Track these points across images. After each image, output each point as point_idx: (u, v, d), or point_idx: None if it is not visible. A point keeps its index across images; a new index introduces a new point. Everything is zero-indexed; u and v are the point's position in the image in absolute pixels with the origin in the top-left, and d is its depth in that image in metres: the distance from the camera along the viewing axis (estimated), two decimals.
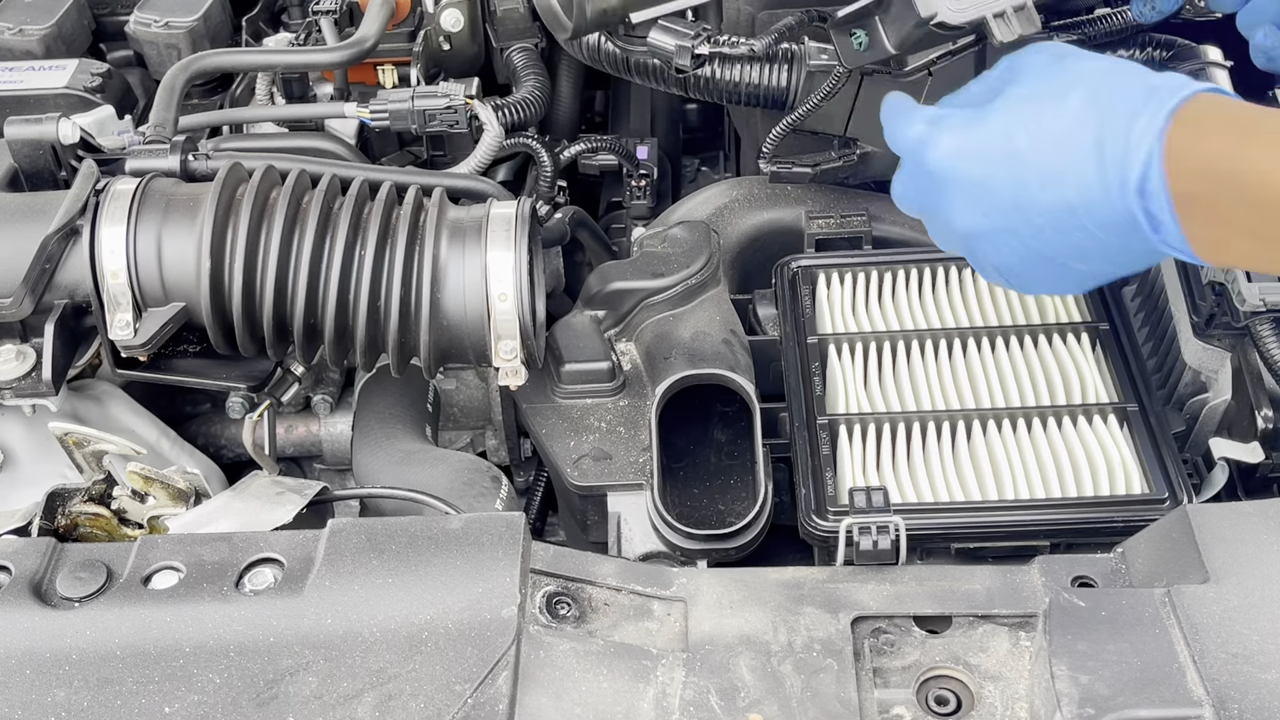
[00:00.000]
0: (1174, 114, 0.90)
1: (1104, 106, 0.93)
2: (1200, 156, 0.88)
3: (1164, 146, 0.89)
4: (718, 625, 0.95)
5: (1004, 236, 1.00)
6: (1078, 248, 0.97)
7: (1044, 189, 0.95)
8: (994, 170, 0.98)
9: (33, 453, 1.29)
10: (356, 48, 1.49)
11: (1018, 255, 1.01)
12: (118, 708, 0.87)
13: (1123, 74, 0.95)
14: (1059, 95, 0.96)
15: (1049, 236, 0.97)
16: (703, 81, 1.45)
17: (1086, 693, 0.85)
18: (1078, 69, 0.98)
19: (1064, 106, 0.95)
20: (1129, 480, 1.18)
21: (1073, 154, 0.94)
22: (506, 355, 1.24)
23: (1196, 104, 0.90)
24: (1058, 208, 0.95)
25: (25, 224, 1.22)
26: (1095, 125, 0.93)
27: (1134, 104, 0.91)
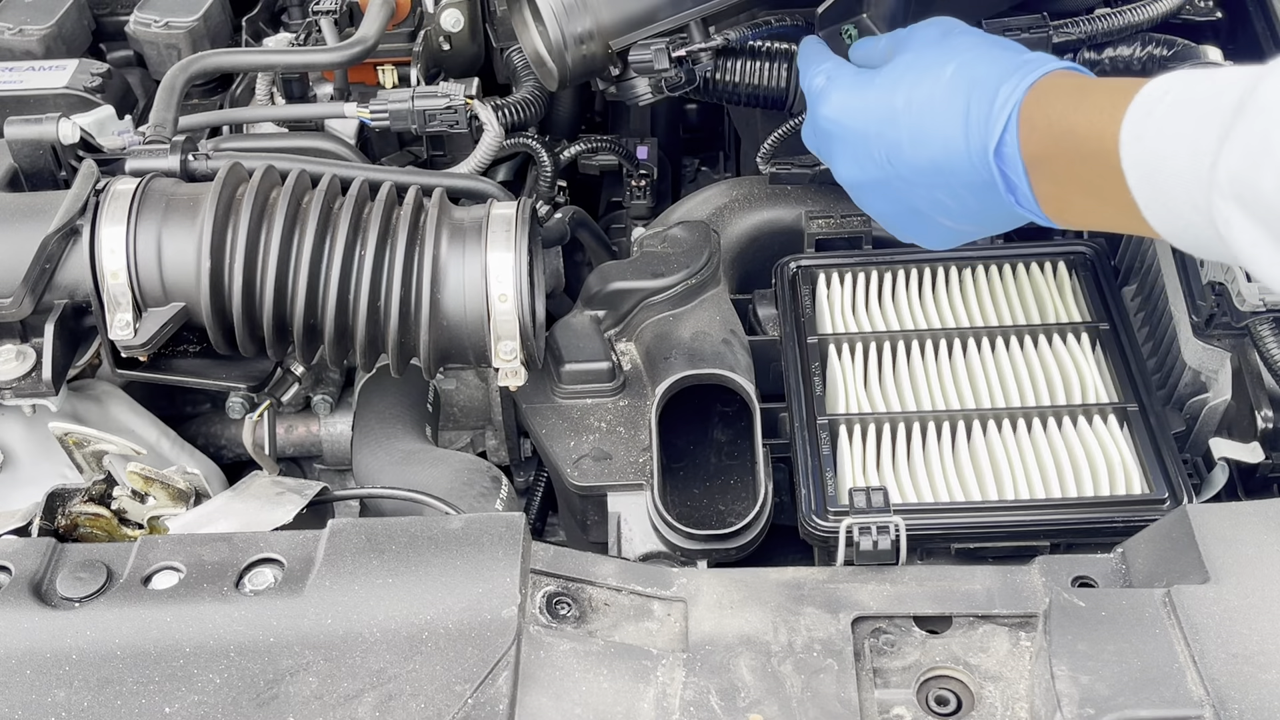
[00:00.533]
0: (1032, 86, 0.98)
1: (974, 78, 1.02)
2: (1046, 119, 0.96)
3: (1019, 113, 0.98)
4: (718, 625, 0.95)
5: (879, 188, 1.12)
6: (944, 205, 1.07)
7: (915, 149, 1.05)
8: (872, 128, 1.09)
9: (33, 453, 1.29)
10: (356, 48, 1.49)
11: (891, 207, 1.13)
12: (118, 708, 0.87)
13: (996, 50, 1.04)
14: (938, 65, 1.05)
15: (919, 193, 1.08)
16: (703, 81, 1.45)
17: (1087, 693, 0.85)
18: (958, 43, 1.07)
19: (940, 75, 1.04)
20: (1129, 480, 1.18)
21: (942, 119, 1.03)
22: (506, 356, 1.24)
23: (1054, 77, 0.99)
24: (926, 167, 1.05)
25: (25, 224, 1.22)
26: (964, 93, 1.01)
27: (1000, 76, 1.00)
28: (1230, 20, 1.70)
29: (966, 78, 1.03)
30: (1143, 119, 0.89)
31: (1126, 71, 1.52)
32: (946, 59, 1.05)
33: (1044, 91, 0.98)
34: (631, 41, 1.28)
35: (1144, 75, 1.51)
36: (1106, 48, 1.50)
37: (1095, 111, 0.93)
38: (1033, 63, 1.01)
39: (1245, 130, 0.80)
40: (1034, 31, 1.42)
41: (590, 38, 1.27)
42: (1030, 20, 1.43)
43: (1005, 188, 1.01)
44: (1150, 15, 1.49)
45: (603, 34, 1.27)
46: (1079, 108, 0.94)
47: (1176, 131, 0.86)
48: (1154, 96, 0.89)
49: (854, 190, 1.16)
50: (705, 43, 1.30)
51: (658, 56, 1.28)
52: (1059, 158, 0.96)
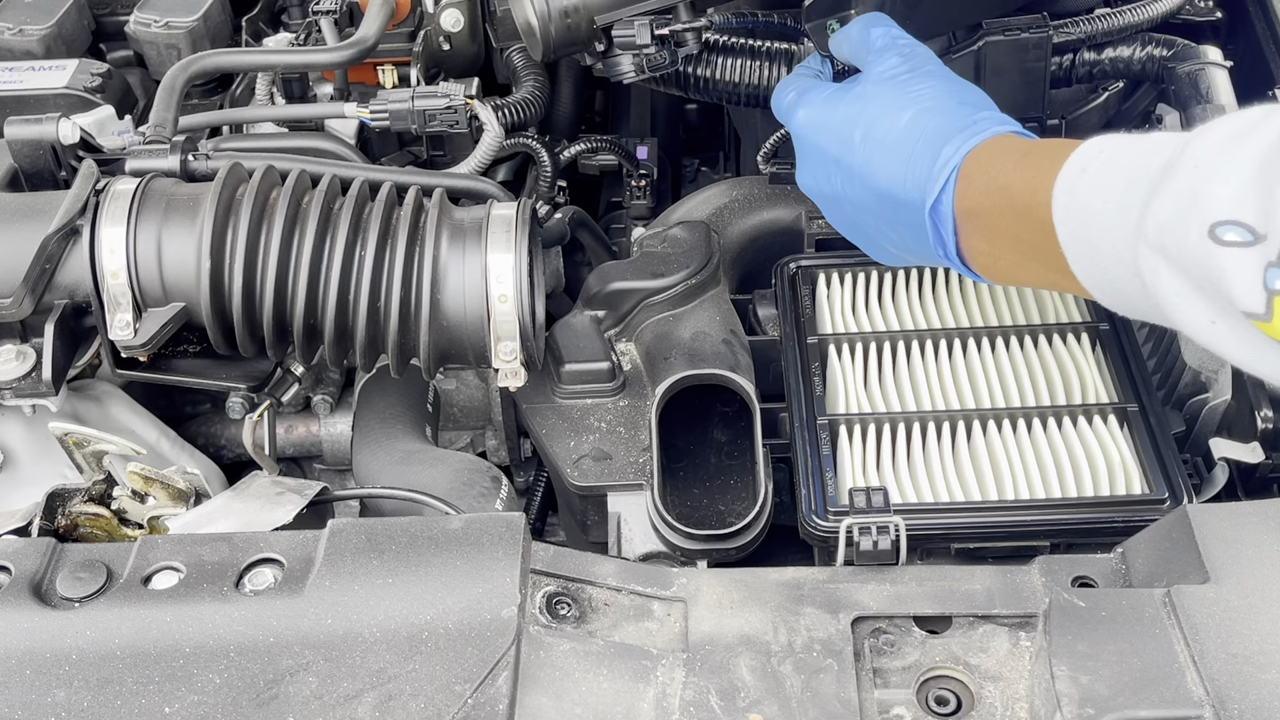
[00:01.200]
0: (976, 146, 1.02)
1: (925, 130, 1.06)
2: (985, 177, 1.01)
3: (958, 174, 1.02)
4: (718, 625, 0.95)
5: (833, 203, 1.18)
6: (887, 235, 1.12)
7: (864, 181, 1.11)
8: (831, 150, 1.14)
9: (33, 453, 1.29)
10: (356, 48, 1.49)
11: (842, 221, 1.18)
12: (118, 708, 0.87)
13: (952, 103, 1.08)
14: (896, 108, 1.09)
15: (864, 217, 1.13)
16: (702, 81, 1.45)
17: (1086, 693, 0.85)
18: (921, 89, 1.10)
19: (896, 120, 1.08)
20: (1129, 480, 1.18)
21: (890, 162, 1.08)
22: (506, 357, 1.24)
23: (1000, 139, 1.03)
24: (872, 201, 1.11)
25: (25, 224, 1.22)
26: (912, 144, 1.06)
27: (947, 134, 1.04)
28: (1230, 20, 1.71)
29: (918, 128, 1.06)
30: (1076, 175, 0.92)
31: (1127, 72, 1.53)
32: (906, 104, 1.09)
33: (987, 151, 1.02)
34: (617, 18, 1.28)
35: (1143, 76, 1.53)
36: (1106, 48, 1.51)
37: (1031, 170, 0.96)
38: (981, 123, 1.05)
39: (1175, 185, 0.83)
40: (1034, 31, 1.42)
41: (575, 12, 1.28)
42: (1030, 20, 1.43)
43: (935, 241, 1.05)
44: (1150, 15, 1.49)
45: (588, 8, 1.28)
46: (1017, 167, 0.98)
47: (1108, 186, 0.89)
48: (1089, 155, 0.92)
49: (813, 198, 1.21)
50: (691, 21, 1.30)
51: (640, 31, 1.29)
52: (992, 213, 1.00)
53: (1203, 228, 0.80)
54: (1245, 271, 0.78)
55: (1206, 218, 0.80)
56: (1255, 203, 0.78)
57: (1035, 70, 1.45)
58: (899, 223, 1.09)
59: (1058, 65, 1.49)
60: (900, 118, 1.08)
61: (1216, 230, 0.79)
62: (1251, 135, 0.81)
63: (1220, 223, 0.79)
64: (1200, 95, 1.43)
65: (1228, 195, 0.79)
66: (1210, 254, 0.80)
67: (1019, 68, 1.44)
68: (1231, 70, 1.47)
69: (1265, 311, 0.78)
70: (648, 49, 1.29)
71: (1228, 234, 0.79)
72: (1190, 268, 0.82)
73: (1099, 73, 1.52)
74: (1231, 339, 0.83)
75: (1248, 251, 0.78)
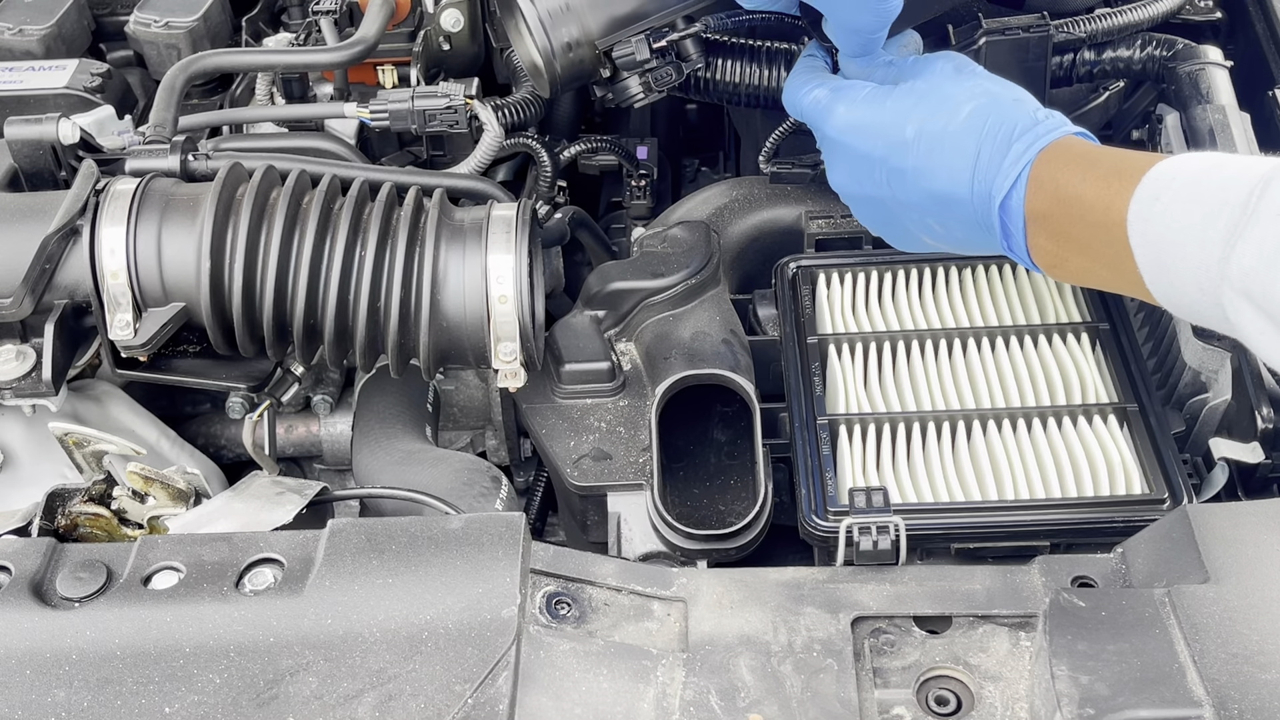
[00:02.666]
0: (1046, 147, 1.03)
1: (990, 125, 1.05)
2: (1054, 182, 1.01)
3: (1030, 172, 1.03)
4: (718, 625, 0.95)
5: (873, 204, 1.16)
6: (932, 230, 1.12)
7: (918, 179, 1.09)
8: (878, 150, 1.11)
9: (33, 453, 1.29)
10: (356, 48, 1.49)
11: (879, 220, 1.17)
12: (118, 708, 0.87)
13: (1010, 100, 1.08)
14: (953, 103, 1.08)
15: (911, 215, 1.12)
16: (703, 82, 1.45)
17: (1087, 693, 0.85)
18: (974, 86, 1.10)
19: (955, 114, 1.07)
20: (1129, 480, 1.18)
21: (951, 158, 1.06)
22: (506, 357, 1.24)
23: (1065, 141, 1.04)
24: (925, 199, 1.09)
25: (25, 224, 1.22)
26: (977, 139, 1.05)
27: (1016, 130, 1.04)
28: (1230, 20, 1.71)
29: (982, 123, 1.05)
30: (1150, 201, 0.94)
31: (1127, 72, 1.53)
32: (963, 99, 1.08)
33: (1054, 154, 1.03)
34: (617, 40, 1.28)
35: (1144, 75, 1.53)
36: (1107, 47, 1.51)
37: (1102, 185, 0.97)
38: (1048, 123, 1.05)
39: (1259, 231, 0.86)
40: (1034, 31, 1.42)
41: (578, 44, 1.27)
42: (1030, 20, 1.43)
43: (1002, 234, 1.06)
44: (1150, 15, 1.49)
45: (589, 38, 1.28)
46: (1086, 177, 0.99)
47: (1184, 220, 0.91)
48: (1162, 181, 0.94)
49: (846, 198, 1.20)
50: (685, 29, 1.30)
51: (638, 48, 1.28)
52: (1062, 219, 1.01)
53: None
54: None
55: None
56: None
57: (1036, 70, 1.45)
58: (955, 219, 1.08)
59: (1058, 65, 1.49)
60: (959, 112, 1.07)
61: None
62: None
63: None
64: (1201, 95, 1.43)
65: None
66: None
67: (1019, 67, 1.44)
68: (1231, 70, 1.47)
69: None
70: (650, 65, 1.29)
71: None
72: (1277, 313, 0.85)
73: (1099, 72, 1.52)
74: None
75: None
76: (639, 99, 1.33)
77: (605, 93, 1.35)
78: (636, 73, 1.30)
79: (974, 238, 1.09)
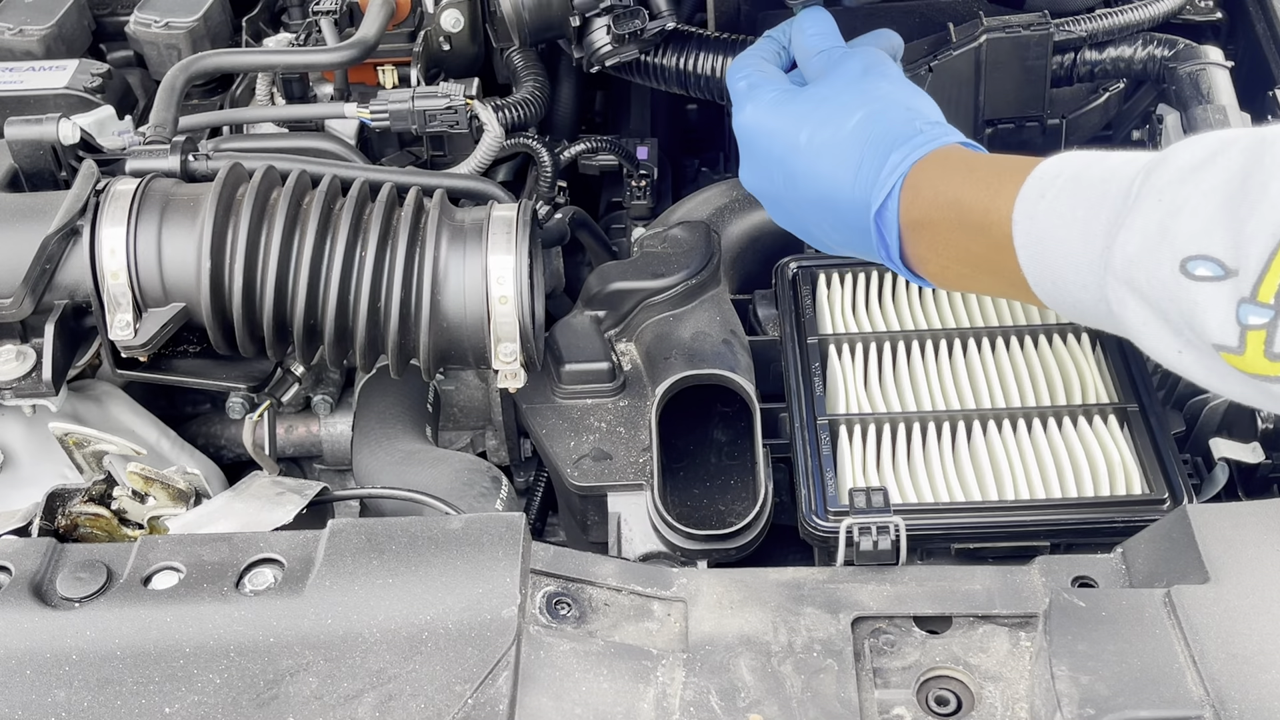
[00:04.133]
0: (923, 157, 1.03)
1: (872, 135, 1.06)
2: (933, 189, 1.01)
3: (905, 182, 1.03)
4: (718, 625, 0.95)
5: (776, 202, 1.17)
6: (829, 234, 1.13)
7: (808, 183, 1.10)
8: (775, 151, 1.14)
9: (33, 453, 1.29)
10: (357, 48, 1.49)
11: (784, 218, 1.18)
12: (118, 708, 0.87)
13: (900, 110, 1.08)
14: (844, 112, 1.09)
15: (807, 215, 1.14)
16: (703, 81, 1.45)
17: (1087, 693, 0.85)
18: (874, 91, 1.10)
19: (843, 124, 1.08)
20: (1129, 481, 1.18)
21: (835, 166, 1.08)
22: (506, 358, 1.24)
23: (946, 150, 1.04)
24: (815, 200, 1.10)
25: (25, 224, 1.22)
26: (859, 149, 1.06)
27: (895, 140, 1.05)
28: (1231, 20, 1.71)
29: (865, 134, 1.07)
30: (1034, 200, 0.93)
31: (1128, 71, 1.53)
32: (854, 108, 1.09)
33: (934, 162, 1.03)
34: None
35: (1144, 75, 1.53)
36: (1108, 47, 1.51)
37: (982, 187, 0.97)
38: (928, 132, 1.05)
39: (1140, 219, 0.84)
40: (1035, 30, 1.42)
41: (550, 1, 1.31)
42: (1031, 19, 1.43)
43: (880, 244, 1.06)
44: (1150, 15, 1.49)
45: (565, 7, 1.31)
46: (966, 181, 0.99)
47: (1068, 215, 0.90)
48: (1046, 178, 0.93)
49: (755, 195, 1.21)
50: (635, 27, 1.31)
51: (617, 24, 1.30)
52: (941, 225, 1.01)
53: (1174, 262, 0.81)
54: (1218, 306, 0.79)
55: (1177, 252, 0.81)
56: (1224, 236, 0.79)
57: (1036, 69, 1.45)
58: (842, 224, 1.09)
59: (1059, 64, 1.49)
60: (847, 122, 1.08)
61: (1187, 265, 0.80)
62: (1213, 165, 0.82)
63: (1191, 257, 0.80)
64: (1201, 95, 1.43)
65: (1196, 229, 0.80)
66: (1182, 288, 0.81)
67: (1020, 66, 1.44)
68: (1232, 70, 1.47)
69: (1238, 345, 0.79)
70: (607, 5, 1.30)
71: (1198, 269, 0.80)
72: (1160, 300, 0.83)
73: (1100, 72, 1.52)
74: (1198, 367, 0.85)
75: (1219, 286, 0.79)
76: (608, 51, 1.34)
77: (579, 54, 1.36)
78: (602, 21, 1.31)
79: (862, 244, 1.08)
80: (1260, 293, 0.77)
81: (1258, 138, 0.82)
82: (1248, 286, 0.78)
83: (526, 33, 1.32)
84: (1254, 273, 0.77)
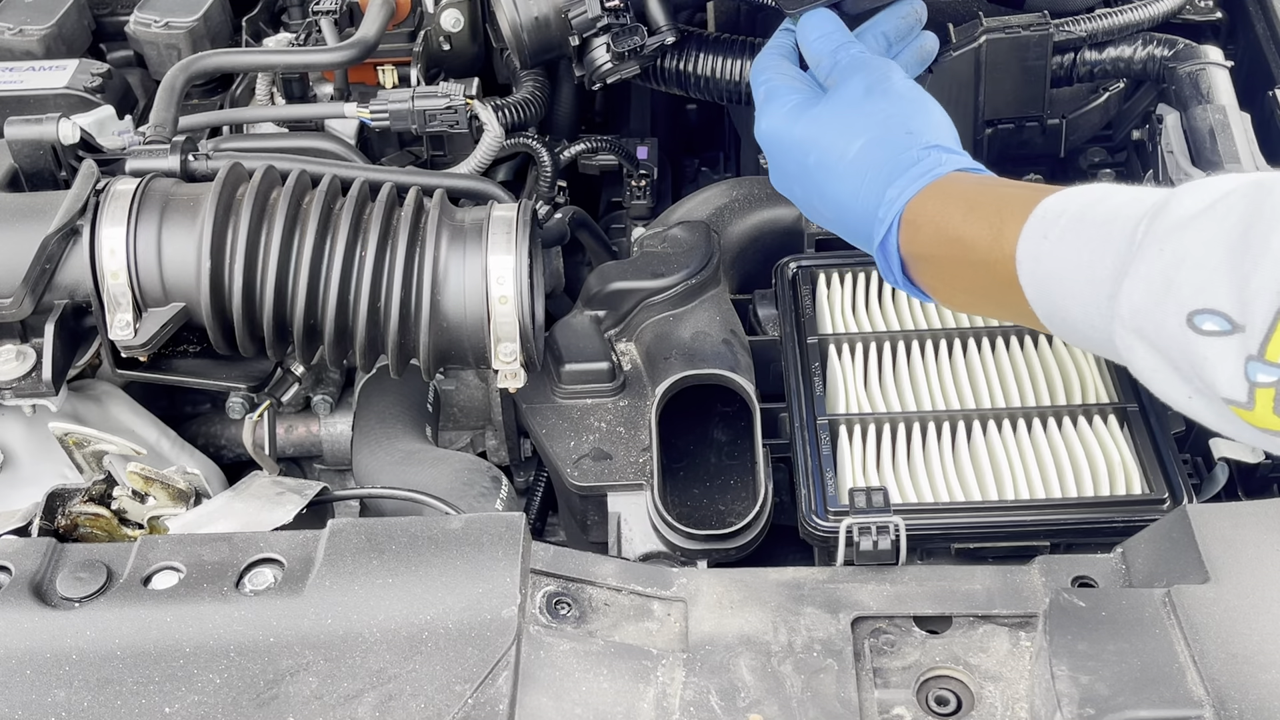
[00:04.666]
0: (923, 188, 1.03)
1: (873, 164, 1.06)
2: (934, 225, 1.01)
3: (903, 215, 1.03)
4: (718, 625, 0.95)
5: (803, 206, 1.19)
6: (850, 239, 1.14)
7: (821, 200, 1.13)
8: (790, 166, 1.16)
9: (33, 453, 1.29)
10: (357, 48, 1.49)
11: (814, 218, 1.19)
12: (118, 708, 0.87)
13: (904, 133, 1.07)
14: (851, 133, 1.09)
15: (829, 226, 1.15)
16: (702, 80, 1.45)
17: (1087, 693, 0.85)
18: (876, 113, 1.09)
19: (848, 148, 1.09)
20: (1129, 480, 1.18)
21: (840, 192, 1.09)
22: (506, 358, 1.24)
23: (943, 181, 1.03)
24: (829, 216, 1.14)
25: (25, 224, 1.22)
26: (860, 179, 1.07)
27: (892, 172, 1.05)
28: (1230, 20, 1.71)
29: (865, 163, 1.07)
30: (1038, 240, 0.92)
31: (1127, 71, 1.53)
32: (858, 131, 1.09)
33: (934, 194, 1.02)
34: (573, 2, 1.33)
35: (1144, 75, 1.53)
36: (1108, 47, 1.51)
37: (985, 226, 0.97)
38: (925, 162, 1.04)
39: (1145, 268, 0.83)
40: (1034, 30, 1.42)
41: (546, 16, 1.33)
42: (1031, 19, 1.43)
43: (884, 270, 1.08)
44: (1150, 15, 1.49)
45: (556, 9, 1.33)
46: (968, 220, 0.98)
47: (1074, 259, 0.89)
48: (1049, 218, 0.92)
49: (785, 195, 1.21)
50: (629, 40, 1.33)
51: (590, 5, 1.31)
52: (945, 261, 1.01)
53: (1180, 315, 0.81)
54: (1226, 362, 0.79)
55: (1183, 306, 0.80)
56: (1228, 291, 0.78)
57: (1036, 69, 1.45)
58: (856, 241, 1.12)
59: (1059, 64, 1.49)
60: (850, 148, 1.08)
61: (1194, 319, 0.80)
62: (1213, 213, 0.81)
63: (1197, 311, 0.80)
64: (1201, 95, 1.43)
65: (1200, 281, 0.80)
66: (1190, 342, 0.80)
67: (1020, 66, 1.44)
68: (1232, 70, 1.47)
69: (1248, 401, 0.79)
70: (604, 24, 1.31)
71: (1205, 323, 0.79)
72: (1169, 351, 0.83)
73: (1100, 72, 1.52)
74: (1209, 414, 0.84)
75: (1227, 341, 0.79)
76: (608, 69, 1.34)
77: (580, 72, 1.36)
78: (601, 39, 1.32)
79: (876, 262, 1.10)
80: (1269, 352, 0.77)
81: (1255, 184, 0.81)
82: (1255, 344, 0.77)
83: (527, 54, 1.35)
84: (1260, 330, 0.77)
